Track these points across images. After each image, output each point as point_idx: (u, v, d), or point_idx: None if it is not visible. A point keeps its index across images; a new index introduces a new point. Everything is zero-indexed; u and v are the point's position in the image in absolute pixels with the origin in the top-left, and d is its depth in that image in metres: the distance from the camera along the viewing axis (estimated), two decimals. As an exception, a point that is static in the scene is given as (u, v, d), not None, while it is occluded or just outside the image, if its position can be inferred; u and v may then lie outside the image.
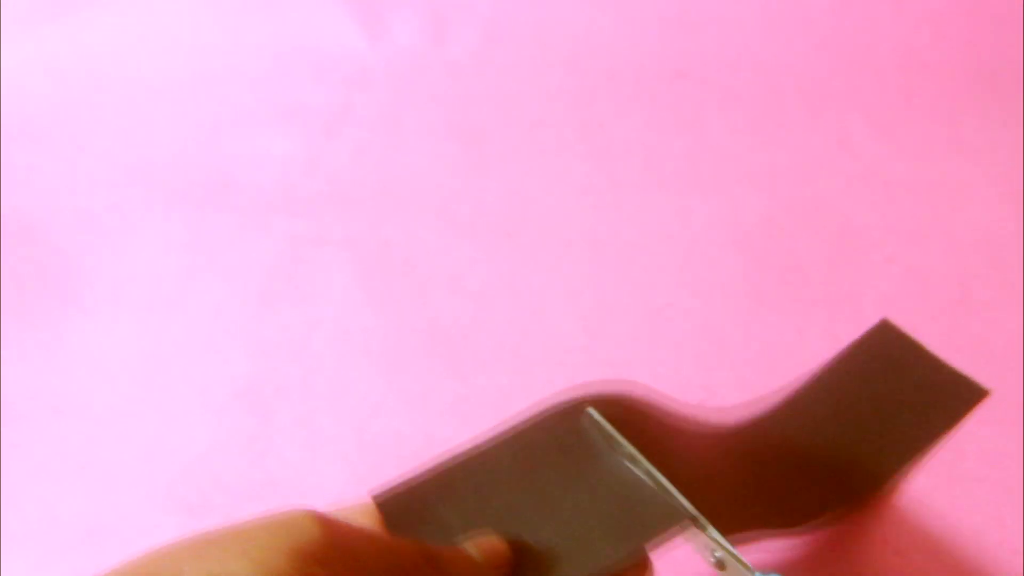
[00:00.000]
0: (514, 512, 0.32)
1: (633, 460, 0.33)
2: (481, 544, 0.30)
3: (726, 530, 0.40)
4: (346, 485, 0.48)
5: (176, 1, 0.79)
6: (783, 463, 0.47)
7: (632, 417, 0.35)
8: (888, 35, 0.75)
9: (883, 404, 0.49)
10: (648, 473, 0.33)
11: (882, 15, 0.76)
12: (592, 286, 0.58)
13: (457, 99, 0.74)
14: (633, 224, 0.62)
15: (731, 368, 0.52)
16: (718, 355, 0.53)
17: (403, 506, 0.31)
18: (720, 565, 0.32)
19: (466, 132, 0.71)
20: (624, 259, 0.59)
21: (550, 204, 0.64)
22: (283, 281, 0.60)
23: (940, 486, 0.46)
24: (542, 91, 0.74)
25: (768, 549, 0.44)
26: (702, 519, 0.32)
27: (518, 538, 0.31)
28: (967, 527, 0.44)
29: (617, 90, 0.73)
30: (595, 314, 0.56)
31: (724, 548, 0.32)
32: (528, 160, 0.68)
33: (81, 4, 0.78)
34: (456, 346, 0.55)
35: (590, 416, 0.36)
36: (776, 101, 0.71)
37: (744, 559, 0.31)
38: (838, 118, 0.70)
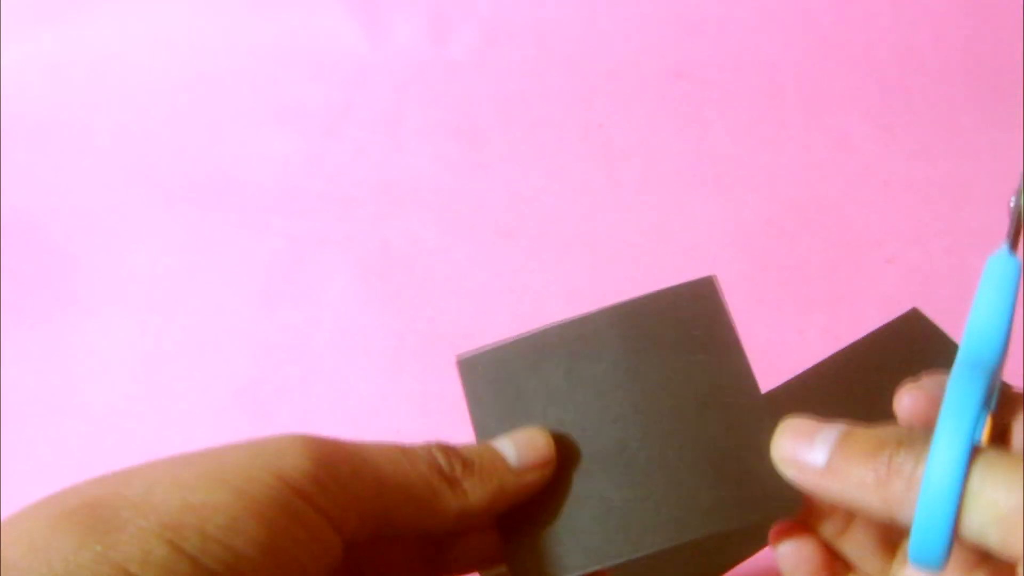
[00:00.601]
0: (604, 402, 0.27)
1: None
2: (520, 441, 0.25)
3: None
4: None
5: (176, 1, 0.79)
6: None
7: None
8: (888, 35, 0.75)
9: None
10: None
11: (882, 15, 0.76)
12: (592, 286, 0.58)
13: (457, 99, 0.74)
14: (633, 224, 0.62)
15: (731, 368, 0.52)
16: (718, 355, 0.53)
17: (486, 371, 0.28)
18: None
19: (466, 132, 0.71)
20: (624, 259, 0.59)
21: (550, 204, 0.64)
22: (283, 281, 0.60)
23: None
24: (542, 91, 0.74)
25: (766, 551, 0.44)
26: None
27: (581, 436, 0.26)
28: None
29: (617, 90, 0.73)
30: (595, 314, 0.56)
31: None
32: (528, 160, 0.68)
33: (81, 4, 0.78)
34: (456, 346, 0.55)
35: (713, 289, 0.29)
36: (776, 101, 0.71)
37: None
38: (838, 118, 0.69)
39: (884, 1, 0.76)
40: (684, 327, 0.28)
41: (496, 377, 0.28)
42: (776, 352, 0.53)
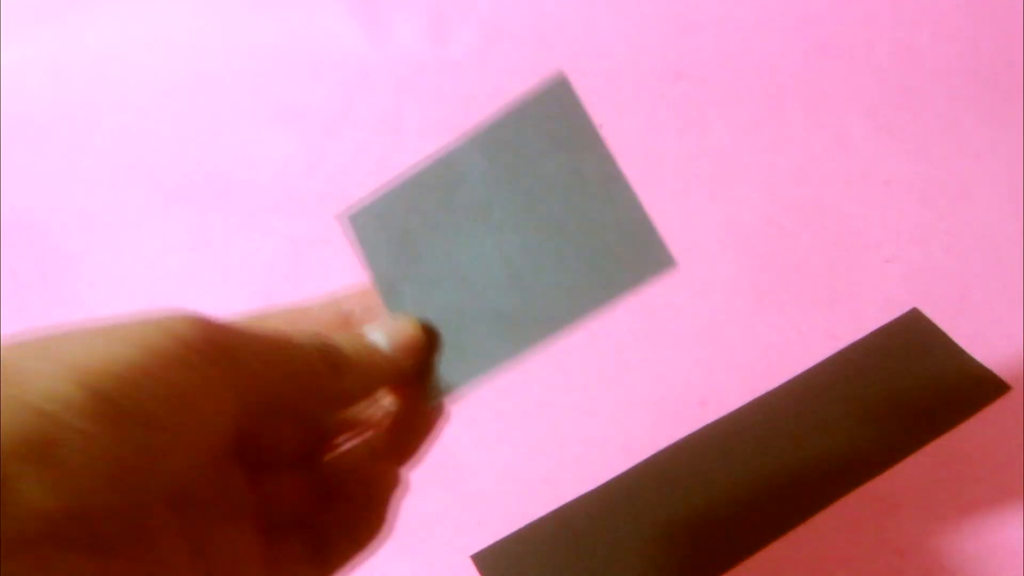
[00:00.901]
0: (482, 222, 0.28)
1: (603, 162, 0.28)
2: (392, 332, 0.27)
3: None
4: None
5: (176, 1, 0.79)
6: (789, 441, 0.48)
7: None
8: (888, 35, 0.75)
9: (900, 388, 0.50)
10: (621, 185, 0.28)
11: (882, 15, 0.76)
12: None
13: (457, 99, 0.74)
14: (633, 224, 0.62)
15: (731, 368, 0.52)
16: (718, 355, 0.53)
17: (372, 221, 0.30)
18: None
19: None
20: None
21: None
22: (283, 281, 0.60)
23: (940, 485, 0.46)
24: (542, 91, 0.74)
25: (768, 549, 0.44)
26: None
27: (468, 259, 0.28)
28: (967, 527, 0.44)
29: (617, 90, 0.73)
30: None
31: None
32: (528, 160, 0.68)
33: (81, 4, 0.78)
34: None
35: (565, 90, 0.29)
36: (776, 101, 0.71)
37: None
38: (838, 118, 0.70)
39: (884, 1, 0.76)
40: (544, 131, 0.28)
41: (382, 224, 0.29)
42: (776, 352, 0.53)
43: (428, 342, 0.27)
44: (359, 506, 0.28)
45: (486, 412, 0.51)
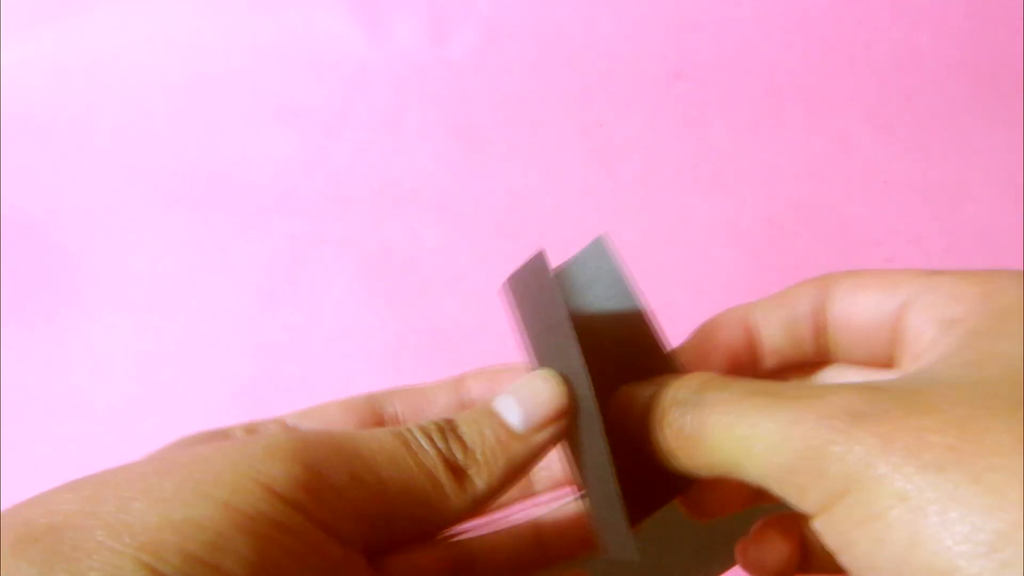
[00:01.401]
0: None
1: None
2: (524, 396, 0.23)
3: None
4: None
5: (176, 1, 0.79)
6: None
7: None
8: (888, 35, 0.75)
9: None
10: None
11: (882, 15, 0.76)
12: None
13: (457, 99, 0.74)
14: (633, 224, 0.62)
15: (731, 368, 0.52)
16: (718, 355, 0.53)
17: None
18: None
19: (466, 132, 0.71)
20: (624, 259, 0.59)
21: (550, 204, 0.64)
22: (283, 281, 0.60)
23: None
24: (542, 91, 0.74)
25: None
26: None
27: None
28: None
29: (617, 90, 0.73)
30: (595, 314, 0.56)
31: None
32: (528, 160, 0.68)
33: (81, 4, 0.78)
34: (456, 346, 0.55)
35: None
36: (776, 101, 0.71)
37: None
38: (838, 118, 0.70)
39: (884, 1, 0.76)
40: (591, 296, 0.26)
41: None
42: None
43: (569, 404, 0.22)
44: None
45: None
